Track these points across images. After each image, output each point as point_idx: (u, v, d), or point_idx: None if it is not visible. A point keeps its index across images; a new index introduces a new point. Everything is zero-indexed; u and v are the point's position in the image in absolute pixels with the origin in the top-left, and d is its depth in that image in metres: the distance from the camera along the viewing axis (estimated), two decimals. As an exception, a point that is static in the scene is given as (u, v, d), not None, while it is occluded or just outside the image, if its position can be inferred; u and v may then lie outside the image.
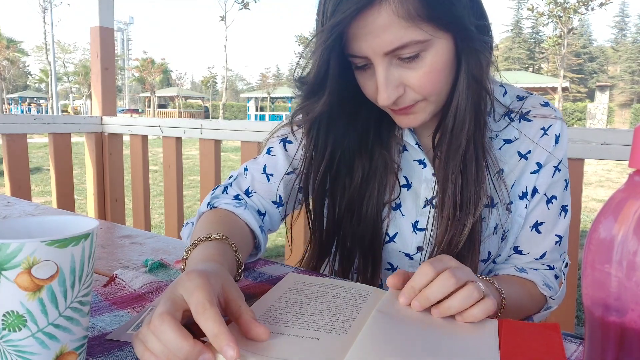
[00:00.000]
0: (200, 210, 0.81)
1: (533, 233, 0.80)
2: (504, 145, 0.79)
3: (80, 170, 6.15)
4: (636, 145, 0.32)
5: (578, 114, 30.35)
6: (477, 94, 0.71)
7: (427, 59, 0.66)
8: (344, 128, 0.79)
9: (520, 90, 0.84)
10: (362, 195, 0.80)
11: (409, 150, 0.82)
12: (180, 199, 2.36)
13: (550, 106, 0.82)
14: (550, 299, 0.80)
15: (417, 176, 0.81)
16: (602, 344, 0.34)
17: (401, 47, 0.65)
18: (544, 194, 0.80)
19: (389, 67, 0.67)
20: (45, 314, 0.40)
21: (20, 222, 0.46)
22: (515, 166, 0.79)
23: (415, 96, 0.70)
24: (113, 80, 2.64)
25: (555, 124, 0.80)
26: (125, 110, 41.66)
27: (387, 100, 0.68)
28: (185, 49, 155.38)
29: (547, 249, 0.80)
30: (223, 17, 29.86)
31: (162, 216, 4.89)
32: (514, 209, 0.80)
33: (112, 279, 0.71)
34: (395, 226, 0.81)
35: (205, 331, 0.42)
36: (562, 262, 0.83)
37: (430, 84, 0.68)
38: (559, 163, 0.80)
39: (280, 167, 0.84)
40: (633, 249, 0.31)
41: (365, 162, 0.80)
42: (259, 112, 38.28)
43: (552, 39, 29.06)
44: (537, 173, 0.79)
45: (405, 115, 0.73)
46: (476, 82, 0.70)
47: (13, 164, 2.25)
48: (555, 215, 0.80)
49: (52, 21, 29.33)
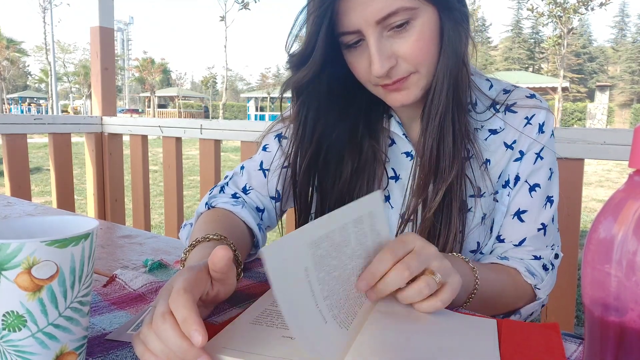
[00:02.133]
0: (198, 210, 0.81)
1: (515, 221, 0.80)
2: (490, 136, 0.80)
3: (80, 170, 6.15)
4: (636, 145, 0.32)
5: (578, 114, 30.36)
6: (456, 65, 0.73)
7: (416, 27, 0.69)
8: (333, 119, 0.80)
9: (507, 84, 0.84)
10: (352, 188, 0.81)
11: (397, 142, 0.83)
12: (180, 199, 2.36)
13: (536, 98, 0.82)
14: (536, 288, 0.79)
15: (405, 168, 0.82)
16: (601, 344, 0.34)
17: (391, 13, 0.67)
18: (525, 181, 0.79)
19: (380, 38, 0.69)
20: (45, 314, 0.40)
21: (20, 222, 0.46)
22: (502, 157, 0.80)
23: (408, 67, 0.71)
24: (113, 80, 2.64)
25: (540, 113, 0.80)
26: (125, 110, 41.65)
27: (381, 70, 0.69)
28: (185, 49, 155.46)
29: (528, 235, 0.80)
30: (223, 17, 29.87)
31: (162, 216, 4.89)
32: (499, 197, 0.80)
33: (112, 279, 0.71)
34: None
35: (176, 316, 0.43)
36: (551, 252, 0.82)
37: (420, 52, 0.70)
38: (540, 150, 0.79)
39: (276, 162, 0.85)
40: (633, 249, 0.31)
41: (355, 154, 0.81)
42: (259, 112, 38.29)
43: (552, 39, 29.07)
44: (520, 161, 0.79)
45: (398, 92, 0.73)
46: (455, 54, 0.72)
47: (13, 164, 2.25)
48: (539, 205, 0.80)
49: (52, 21, 29.34)
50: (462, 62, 0.73)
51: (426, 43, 0.70)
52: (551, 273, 0.82)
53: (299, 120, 0.79)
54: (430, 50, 0.71)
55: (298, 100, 0.79)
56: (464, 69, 0.74)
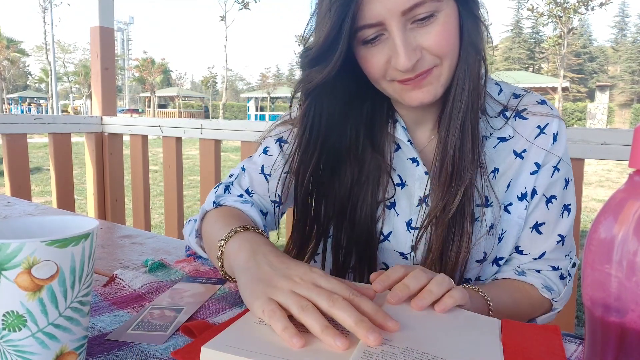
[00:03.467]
0: (204, 208, 0.80)
1: (534, 234, 0.80)
2: (499, 143, 0.78)
3: (80, 170, 6.15)
4: (636, 145, 0.32)
5: (578, 114, 30.34)
6: (476, 61, 0.71)
7: (440, 18, 0.66)
8: (340, 123, 0.78)
9: (517, 88, 0.83)
10: (356, 195, 0.80)
11: (402, 148, 0.81)
12: (180, 199, 2.36)
13: (547, 104, 0.80)
14: (554, 301, 0.79)
15: (411, 174, 0.81)
16: (602, 344, 0.34)
17: (418, 4, 0.64)
18: (542, 195, 0.79)
19: (404, 30, 0.66)
20: (45, 314, 0.40)
21: (20, 222, 0.46)
22: (511, 165, 0.78)
23: (433, 59, 0.68)
24: (113, 80, 2.64)
25: (553, 122, 0.78)
26: (125, 110, 41.64)
27: (408, 62, 0.66)
28: (185, 49, 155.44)
29: (548, 249, 0.79)
30: (223, 17, 29.87)
31: (162, 216, 4.89)
32: (513, 210, 0.78)
33: (112, 279, 0.71)
34: (390, 225, 0.81)
35: (365, 308, 0.49)
36: (569, 261, 0.82)
37: (446, 43, 0.67)
38: (558, 162, 0.78)
39: (278, 167, 0.83)
40: (633, 249, 0.31)
41: (358, 162, 0.79)
42: (259, 112, 38.31)
43: (552, 39, 29.05)
44: (536, 174, 0.78)
45: (419, 89, 0.70)
46: (475, 50, 0.71)
47: (13, 164, 2.25)
48: (556, 215, 0.79)
49: (52, 21, 29.33)
50: (481, 59, 0.72)
51: (451, 34, 0.68)
52: (568, 284, 0.82)
53: (305, 123, 0.76)
54: (454, 42, 0.69)
55: (306, 101, 0.74)
56: (483, 67, 0.73)
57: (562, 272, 0.81)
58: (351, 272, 0.83)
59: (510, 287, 0.77)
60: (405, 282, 0.57)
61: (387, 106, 0.81)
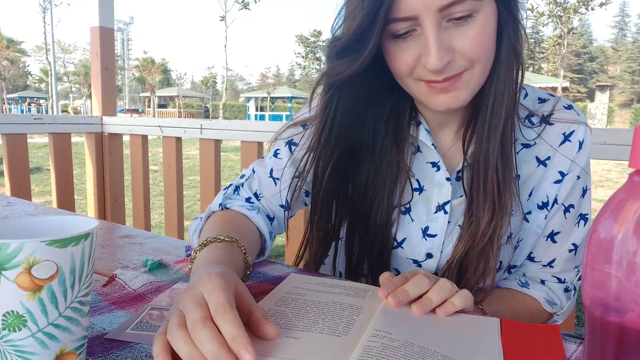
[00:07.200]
0: (211, 207, 0.79)
1: (549, 242, 0.78)
2: (522, 149, 0.75)
3: (80, 170, 6.14)
4: (636, 145, 0.32)
5: (578, 114, 30.26)
6: (515, 67, 0.67)
7: (478, 20, 0.62)
8: (361, 119, 0.75)
9: (542, 92, 0.79)
10: (371, 198, 0.76)
11: (422, 151, 0.77)
12: (180, 199, 2.36)
13: (574, 109, 0.76)
14: (555, 315, 0.78)
15: (430, 179, 0.77)
16: (601, 344, 0.34)
17: (456, 1, 0.60)
18: (562, 204, 0.76)
19: (439, 28, 0.62)
20: (45, 314, 0.40)
21: (20, 222, 0.46)
22: (533, 173, 0.75)
23: (464, 63, 0.64)
24: (113, 80, 2.64)
25: (579, 130, 0.74)
26: (125, 110, 41.63)
27: (440, 62, 0.61)
28: (185, 49, 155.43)
29: (559, 256, 0.78)
30: (223, 17, 29.88)
31: (162, 216, 4.89)
32: (532, 218, 0.76)
33: (111, 279, 0.71)
34: (404, 231, 0.78)
35: (224, 333, 0.42)
36: (576, 273, 0.80)
37: (481, 46, 0.63)
38: (580, 170, 0.75)
39: (287, 171, 0.81)
40: (633, 249, 0.31)
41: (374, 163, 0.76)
42: (259, 112, 38.31)
43: (552, 39, 29.08)
44: (560, 183, 0.75)
45: (446, 94, 0.66)
46: (515, 54, 0.67)
47: (13, 164, 2.25)
48: (571, 224, 0.77)
49: (52, 21, 29.34)
50: (520, 64, 0.67)
51: (488, 37, 0.64)
52: (572, 299, 0.80)
53: (326, 116, 0.71)
54: (489, 46, 0.65)
55: (329, 92, 0.70)
56: (522, 71, 0.68)
57: (568, 285, 0.79)
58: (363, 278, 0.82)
59: (510, 299, 0.76)
60: (406, 287, 0.57)
61: (409, 106, 0.78)
